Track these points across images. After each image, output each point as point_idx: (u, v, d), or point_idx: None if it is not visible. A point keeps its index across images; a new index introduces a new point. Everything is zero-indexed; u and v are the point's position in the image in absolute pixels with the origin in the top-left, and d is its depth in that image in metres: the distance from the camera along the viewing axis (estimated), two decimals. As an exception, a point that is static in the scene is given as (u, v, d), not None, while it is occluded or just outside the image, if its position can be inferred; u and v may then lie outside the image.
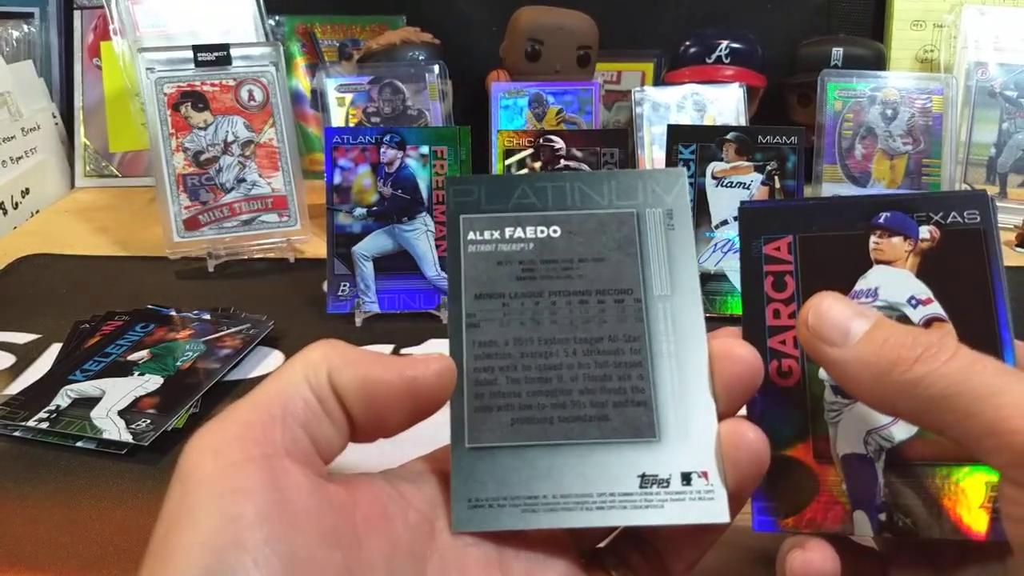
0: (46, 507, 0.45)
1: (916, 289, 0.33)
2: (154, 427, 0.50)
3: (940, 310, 0.33)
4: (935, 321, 0.33)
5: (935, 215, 0.33)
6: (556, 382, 0.29)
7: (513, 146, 0.68)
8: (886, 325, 0.29)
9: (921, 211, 0.34)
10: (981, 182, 0.84)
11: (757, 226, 0.35)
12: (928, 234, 0.33)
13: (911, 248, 0.34)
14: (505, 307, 0.30)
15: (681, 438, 0.29)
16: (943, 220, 0.33)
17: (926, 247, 0.33)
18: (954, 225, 0.33)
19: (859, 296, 0.33)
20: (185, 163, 0.73)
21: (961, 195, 0.34)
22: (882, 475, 0.32)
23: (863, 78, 0.77)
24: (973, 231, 0.33)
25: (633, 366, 0.29)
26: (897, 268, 0.33)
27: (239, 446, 0.25)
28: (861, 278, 0.34)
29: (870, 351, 0.29)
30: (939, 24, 0.91)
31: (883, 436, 0.33)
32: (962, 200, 0.33)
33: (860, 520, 0.32)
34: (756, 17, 0.95)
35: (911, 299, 0.33)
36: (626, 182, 0.32)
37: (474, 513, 0.28)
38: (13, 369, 0.58)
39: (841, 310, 0.30)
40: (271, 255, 0.76)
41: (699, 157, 0.65)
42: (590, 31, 0.83)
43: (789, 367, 0.34)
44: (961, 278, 0.33)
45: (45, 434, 0.50)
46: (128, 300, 0.65)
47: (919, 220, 0.34)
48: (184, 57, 0.73)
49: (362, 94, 0.79)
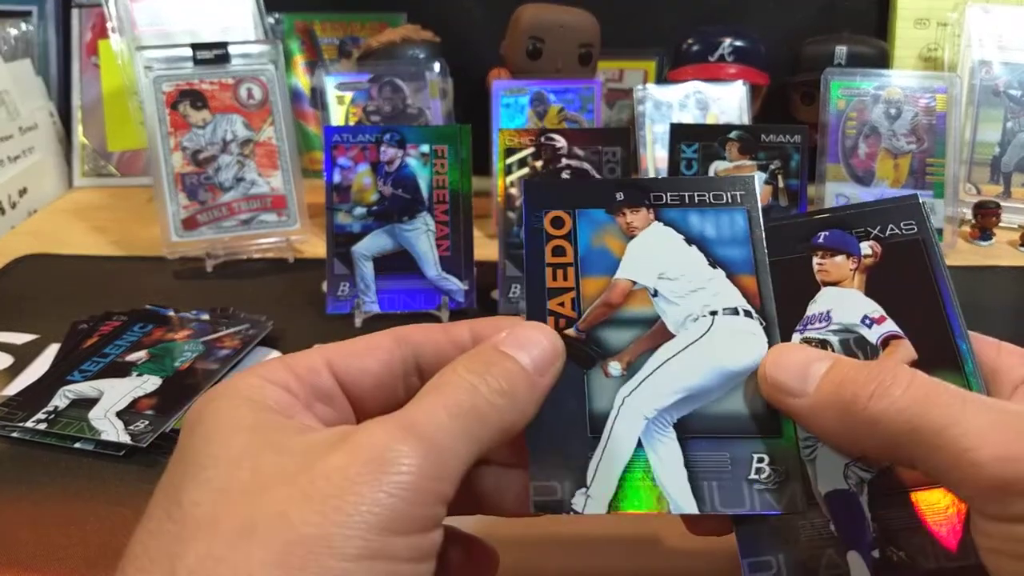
0: (44, 508, 0.45)
1: (868, 308, 0.33)
2: (152, 428, 0.49)
3: (895, 327, 0.32)
4: (892, 339, 0.32)
5: (873, 229, 0.34)
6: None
7: (514, 145, 0.67)
8: (842, 365, 0.29)
9: (858, 227, 0.34)
10: (985, 181, 0.84)
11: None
12: (870, 249, 0.34)
13: (855, 266, 0.33)
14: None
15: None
16: (882, 233, 0.33)
17: (870, 263, 0.33)
18: (893, 237, 0.33)
19: (813, 321, 0.33)
20: (183, 162, 0.73)
21: (894, 207, 0.34)
22: (868, 509, 0.31)
23: (867, 77, 0.77)
24: (912, 242, 0.33)
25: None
26: (845, 288, 0.33)
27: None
28: (812, 302, 0.33)
29: (828, 394, 0.29)
30: (943, 23, 0.91)
31: (861, 467, 0.31)
32: (897, 211, 0.34)
33: (855, 561, 0.30)
34: (759, 15, 0.95)
35: (865, 319, 0.33)
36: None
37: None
38: (11, 370, 0.58)
39: (796, 359, 0.30)
40: (270, 255, 0.75)
41: (702, 156, 0.65)
42: (592, 29, 0.82)
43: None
44: (909, 291, 0.33)
45: (43, 435, 0.50)
46: (126, 300, 0.65)
47: (858, 236, 0.34)
48: (183, 55, 0.73)
49: (362, 92, 0.79)
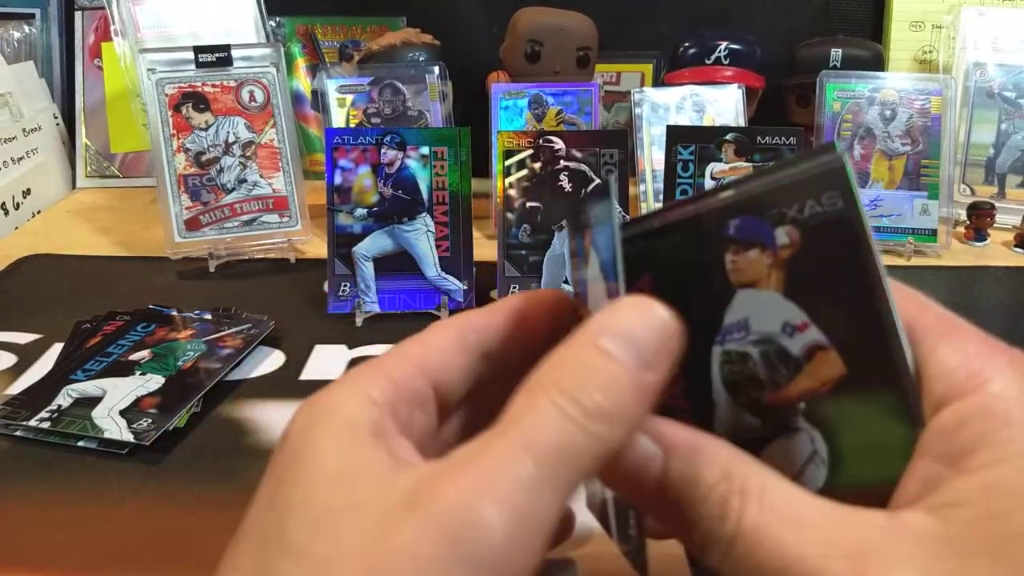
0: (47, 507, 0.45)
1: (788, 313, 0.27)
2: (155, 427, 0.50)
3: (818, 335, 0.27)
4: (817, 350, 0.27)
5: (789, 209, 0.26)
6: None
7: (513, 147, 0.68)
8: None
9: (771, 208, 0.27)
10: (979, 183, 0.84)
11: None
12: (787, 238, 0.27)
13: (771, 260, 0.27)
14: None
15: None
16: (800, 214, 0.26)
17: (787, 255, 0.27)
18: (814, 217, 0.26)
19: (732, 331, 0.28)
20: (186, 164, 0.73)
21: (813, 175, 0.26)
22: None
23: (862, 79, 0.77)
24: (835, 221, 0.26)
25: None
26: (762, 291, 0.27)
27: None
28: (728, 308, 0.28)
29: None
30: (938, 25, 0.91)
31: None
32: (816, 180, 0.26)
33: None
34: (755, 18, 0.95)
35: (786, 327, 0.27)
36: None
37: None
38: (15, 369, 0.58)
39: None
40: (272, 255, 0.76)
41: (698, 158, 0.65)
42: (590, 32, 0.83)
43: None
44: (834, 287, 0.26)
45: (46, 434, 0.50)
46: (129, 300, 0.66)
47: (773, 220, 0.27)
48: (185, 58, 0.73)
49: (363, 95, 0.79)
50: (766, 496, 0.24)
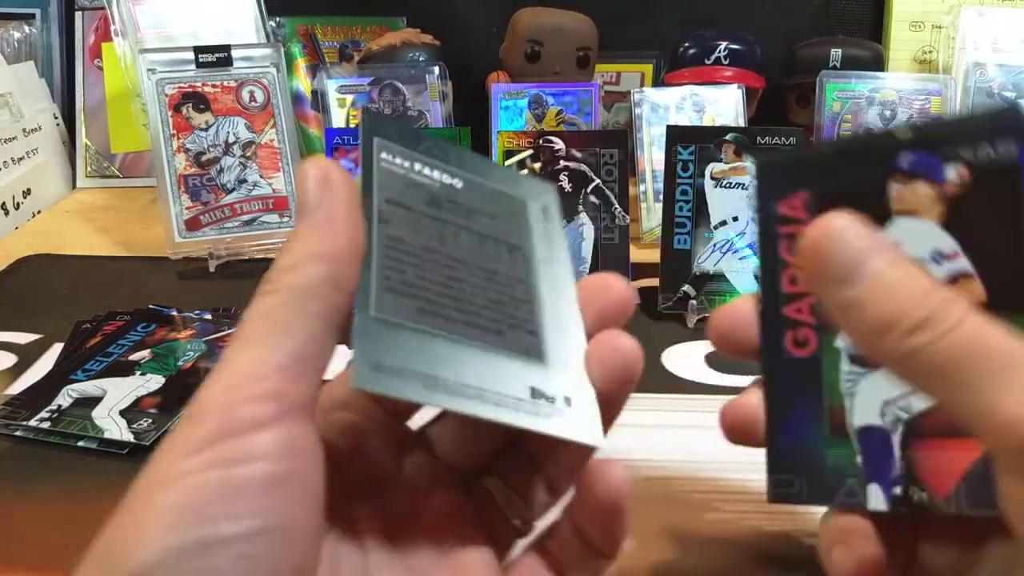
0: (47, 507, 0.45)
1: (940, 242, 0.30)
2: (155, 427, 0.50)
3: (966, 264, 0.29)
4: (961, 278, 0.29)
5: (963, 151, 0.29)
6: (458, 291, 0.30)
7: (513, 147, 0.68)
8: (900, 269, 0.26)
9: (948, 146, 0.29)
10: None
11: (773, 183, 0.32)
12: (956, 176, 0.29)
13: (936, 193, 0.30)
14: (413, 218, 0.30)
15: (562, 368, 0.30)
16: (973, 156, 0.29)
17: (953, 191, 0.30)
18: (985, 162, 0.29)
19: None
20: (186, 164, 0.74)
21: (992, 124, 0.29)
22: (898, 447, 0.31)
23: (861, 79, 0.77)
24: (1005, 171, 0.29)
25: (524, 302, 0.31)
26: (920, 219, 0.30)
27: (248, 406, 0.24)
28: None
29: (875, 300, 0.26)
30: (938, 25, 0.91)
31: (901, 407, 0.31)
32: (993, 128, 0.29)
33: (874, 493, 0.31)
34: (755, 18, 0.95)
35: (936, 254, 0.30)
36: (513, 176, 0.36)
37: (378, 375, 0.26)
38: (15, 369, 0.58)
39: (854, 242, 0.26)
40: (272, 255, 0.75)
41: (698, 158, 0.65)
42: (589, 32, 0.83)
43: (805, 337, 0.32)
44: (991, 227, 0.29)
45: (46, 434, 0.50)
46: (129, 300, 0.66)
47: (945, 157, 0.29)
48: (185, 58, 0.74)
49: (363, 95, 0.80)
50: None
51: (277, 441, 0.23)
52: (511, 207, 0.34)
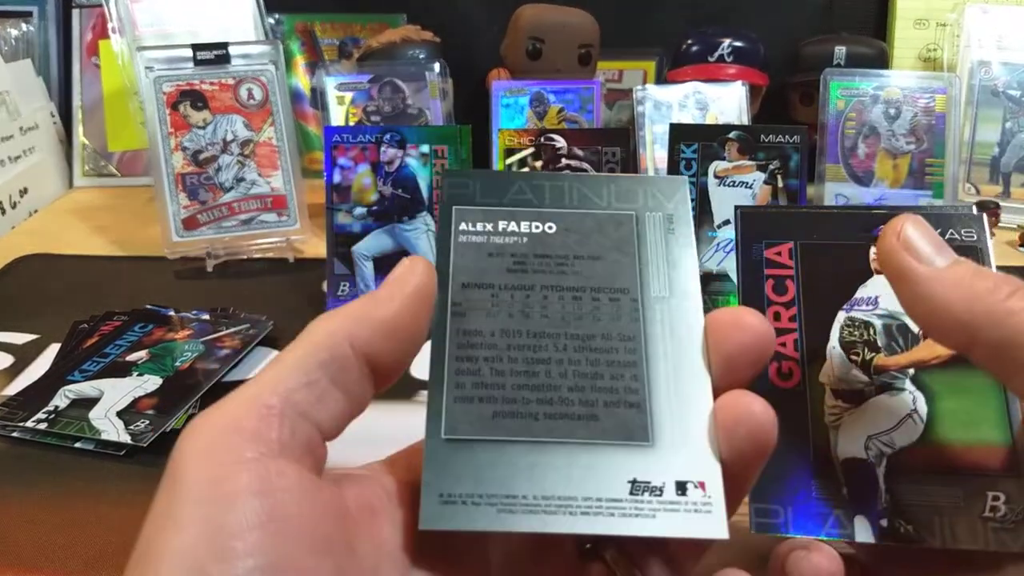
0: (44, 508, 0.45)
1: None
2: (153, 428, 0.49)
3: None
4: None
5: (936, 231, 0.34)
6: (544, 377, 0.28)
7: (514, 145, 0.67)
8: (970, 262, 0.29)
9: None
10: (984, 182, 0.84)
11: (757, 230, 0.36)
12: None
13: None
14: (494, 297, 0.29)
15: (678, 444, 0.27)
16: (941, 236, 0.33)
17: None
18: (952, 241, 0.33)
19: (860, 303, 0.34)
20: (184, 162, 0.73)
21: (959, 215, 0.35)
22: (883, 481, 0.32)
23: (866, 77, 0.77)
24: (969, 248, 0.34)
25: (627, 365, 0.28)
26: None
27: (230, 446, 0.24)
28: (861, 286, 0.34)
29: (964, 274, 0.28)
30: (942, 23, 0.91)
31: (884, 442, 0.33)
32: (960, 219, 0.35)
33: (861, 526, 0.32)
34: (758, 15, 0.95)
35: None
36: (626, 186, 0.32)
37: (445, 510, 0.25)
38: (11, 369, 0.58)
39: (934, 234, 0.30)
40: (270, 255, 0.75)
41: (701, 156, 0.65)
42: (591, 29, 0.82)
43: (789, 369, 0.34)
44: None
45: (43, 435, 0.50)
46: (127, 300, 0.65)
47: None
48: (183, 56, 0.73)
49: (362, 93, 0.79)
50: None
51: (253, 480, 0.23)
52: (619, 233, 0.30)
